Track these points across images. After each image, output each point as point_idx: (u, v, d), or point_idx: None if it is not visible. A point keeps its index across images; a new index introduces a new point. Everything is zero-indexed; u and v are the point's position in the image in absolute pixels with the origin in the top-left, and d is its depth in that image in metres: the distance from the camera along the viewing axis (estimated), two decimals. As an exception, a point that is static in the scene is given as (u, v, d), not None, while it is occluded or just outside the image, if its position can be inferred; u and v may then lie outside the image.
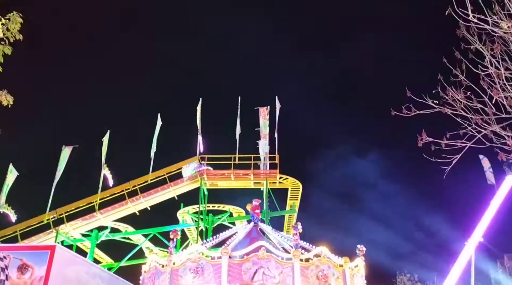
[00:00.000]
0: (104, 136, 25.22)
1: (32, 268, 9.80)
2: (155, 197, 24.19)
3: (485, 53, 7.11)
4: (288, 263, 10.15)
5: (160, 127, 25.79)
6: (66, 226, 23.26)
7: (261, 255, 10.19)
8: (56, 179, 23.81)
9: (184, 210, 26.67)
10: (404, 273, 39.90)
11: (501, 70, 6.94)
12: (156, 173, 24.35)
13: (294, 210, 26.35)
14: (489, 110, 7.08)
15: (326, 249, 11.00)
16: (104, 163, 24.39)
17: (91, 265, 13.57)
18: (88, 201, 23.75)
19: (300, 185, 25.40)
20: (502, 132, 7.08)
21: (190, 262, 10.45)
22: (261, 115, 25.18)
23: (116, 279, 14.71)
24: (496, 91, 6.95)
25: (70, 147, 24.84)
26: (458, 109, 7.38)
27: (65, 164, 24.30)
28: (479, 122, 7.16)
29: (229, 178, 24.18)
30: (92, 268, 13.21)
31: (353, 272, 11.20)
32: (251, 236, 12.47)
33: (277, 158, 24.20)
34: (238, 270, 10.01)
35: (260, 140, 24.74)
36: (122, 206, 23.79)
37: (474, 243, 21.90)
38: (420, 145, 7.54)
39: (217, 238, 13.18)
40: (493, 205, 22.52)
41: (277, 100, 25.57)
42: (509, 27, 6.73)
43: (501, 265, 38.23)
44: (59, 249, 10.73)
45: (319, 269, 10.37)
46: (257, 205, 13.96)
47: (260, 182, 24.40)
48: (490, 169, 24.58)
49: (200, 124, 25.43)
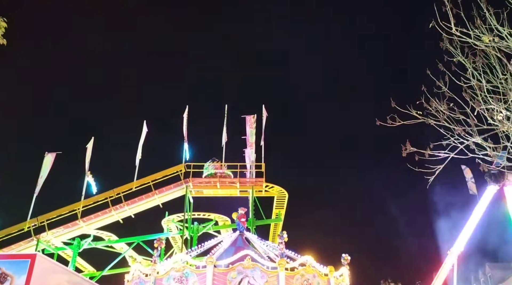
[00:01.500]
0: (88, 143, 24.90)
1: (12, 277, 9.55)
2: (140, 205, 23.90)
3: (468, 65, 7.28)
4: (274, 272, 10.12)
5: (146, 134, 25.60)
6: (48, 234, 22.77)
7: (247, 264, 10.14)
8: (38, 186, 23.36)
9: (169, 219, 26.41)
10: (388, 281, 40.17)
11: (482, 83, 7.11)
12: (140, 181, 24.09)
13: (280, 218, 26.33)
14: (471, 121, 7.23)
15: (311, 258, 11.01)
16: (87, 170, 24.05)
17: (73, 274, 13.31)
18: (70, 208, 23.32)
19: (286, 194, 25.43)
20: (484, 143, 7.23)
21: (174, 271, 10.33)
22: (248, 123, 25.23)
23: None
24: (478, 103, 7.11)
25: (53, 154, 24.44)
26: (441, 120, 7.52)
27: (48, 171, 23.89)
28: (462, 133, 7.30)
29: (214, 186, 24.07)
30: (74, 277, 12.95)
31: (338, 281, 11.23)
32: (237, 245, 12.40)
33: (263, 166, 24.23)
34: (223, 279, 9.93)
35: (247, 148, 24.76)
36: (105, 214, 23.42)
37: (456, 252, 22.20)
38: (404, 155, 7.64)
39: (202, 247, 13.08)
40: (475, 214, 22.91)
41: (263, 109, 25.67)
42: (490, 40, 6.92)
43: (482, 274, 38.76)
44: (40, 257, 10.50)
45: (304, 278, 10.37)
46: (243, 213, 13.91)
47: (246, 191, 24.35)
48: (472, 179, 25.02)
49: (186, 132, 25.34)
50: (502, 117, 7.00)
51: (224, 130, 25.25)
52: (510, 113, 6.95)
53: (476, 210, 22.91)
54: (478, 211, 22.85)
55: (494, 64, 7.14)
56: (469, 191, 24.84)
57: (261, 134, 25.19)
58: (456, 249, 22.19)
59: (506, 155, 7.39)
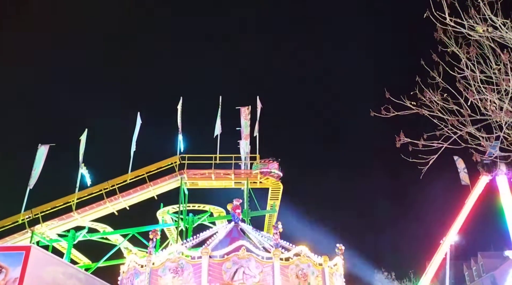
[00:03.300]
0: (82, 135, 24.75)
1: (6, 270, 9.54)
2: (134, 197, 23.87)
3: (461, 56, 7.29)
4: (268, 262, 10.18)
5: (140, 126, 25.47)
6: (42, 226, 22.71)
7: (242, 255, 10.19)
8: (31, 178, 23.23)
9: (164, 210, 26.41)
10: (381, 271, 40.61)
11: (476, 73, 7.13)
12: (135, 173, 24.03)
13: (275, 209, 26.43)
14: (465, 111, 7.26)
15: (306, 248, 11.08)
16: (81, 162, 23.94)
17: (68, 266, 13.32)
18: (65, 200, 23.25)
19: (281, 185, 25.49)
20: (477, 133, 7.27)
21: (170, 262, 10.36)
22: (242, 115, 25.18)
23: (93, 280, 14.46)
24: (472, 93, 7.13)
25: (47, 146, 24.27)
26: (435, 111, 7.54)
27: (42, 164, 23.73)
28: (455, 123, 7.33)
29: (209, 177, 24.09)
30: (69, 268, 12.97)
31: (332, 270, 11.32)
32: (232, 236, 12.45)
33: (257, 158, 24.23)
34: (218, 270, 9.98)
35: (241, 140, 24.74)
36: (100, 206, 23.38)
37: (449, 242, 22.49)
38: (398, 145, 7.66)
39: (197, 238, 13.12)
40: (467, 204, 23.17)
41: (258, 100, 25.60)
42: (484, 30, 6.92)
43: (474, 263, 39.30)
44: (35, 249, 10.48)
45: (299, 268, 10.44)
46: (238, 205, 13.95)
47: (241, 182, 24.38)
48: (464, 169, 25.24)
49: (181, 123, 25.25)
50: (495, 107, 7.04)
51: (218, 121, 25.18)
52: (503, 103, 6.98)
53: (468, 200, 23.19)
54: (471, 201, 23.14)
55: (488, 54, 7.15)
56: (461, 181, 25.05)
57: (256, 126, 25.15)
58: (449, 238, 22.48)
59: (499, 145, 7.44)
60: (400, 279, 39.82)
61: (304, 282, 10.28)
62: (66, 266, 12.92)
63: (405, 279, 39.57)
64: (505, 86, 6.91)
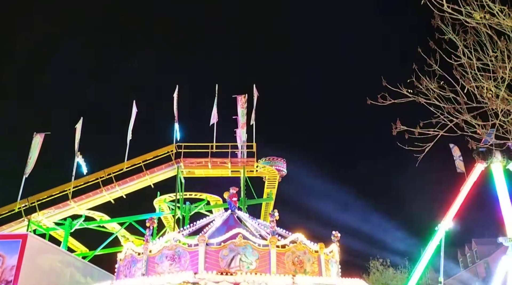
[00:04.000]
0: (77, 123, 24.63)
1: (3, 257, 9.57)
2: (131, 185, 23.87)
3: (458, 43, 7.26)
4: (265, 250, 10.25)
5: (136, 114, 25.35)
6: (39, 215, 22.73)
7: (238, 242, 10.24)
8: (27, 167, 23.18)
9: (160, 199, 26.47)
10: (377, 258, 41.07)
11: (473, 60, 7.11)
12: (131, 161, 23.99)
13: (271, 198, 26.56)
14: (461, 99, 7.26)
15: (302, 236, 11.15)
16: (77, 150, 23.87)
17: (65, 254, 13.38)
18: (61, 189, 23.23)
19: (277, 173, 25.57)
20: (473, 121, 7.29)
21: (167, 249, 10.41)
22: (239, 103, 25.09)
23: (91, 268, 14.55)
24: (468, 81, 7.12)
25: (42, 134, 24.15)
26: (432, 98, 7.54)
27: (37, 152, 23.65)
28: (451, 111, 7.34)
29: (206, 166, 24.10)
30: (66, 256, 13.03)
31: (328, 257, 11.41)
32: (228, 224, 12.50)
33: (254, 146, 24.25)
34: (215, 257, 10.04)
35: (238, 128, 24.70)
36: (96, 194, 23.38)
37: (444, 229, 22.70)
38: (395, 133, 7.67)
39: (194, 226, 13.16)
40: (462, 192, 23.34)
41: (255, 89, 25.50)
42: (482, 17, 6.88)
43: (468, 249, 39.78)
44: (31, 237, 10.51)
45: (295, 255, 10.52)
46: (234, 193, 13.97)
47: (238, 171, 24.42)
48: (460, 157, 25.36)
49: (177, 112, 25.15)
50: (491, 95, 7.04)
51: (214, 110, 25.09)
52: (499, 91, 6.98)
53: (463, 188, 23.36)
54: (466, 188, 23.31)
55: (485, 41, 7.13)
56: (457, 169, 25.20)
57: (252, 114, 25.09)
58: (444, 225, 22.69)
59: (495, 132, 7.47)
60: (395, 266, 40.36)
61: (300, 268, 10.37)
62: (63, 254, 12.98)
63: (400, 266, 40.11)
64: (502, 74, 6.90)
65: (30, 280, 9.90)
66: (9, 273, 9.38)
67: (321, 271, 10.71)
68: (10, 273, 9.38)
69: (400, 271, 39.38)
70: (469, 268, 39.24)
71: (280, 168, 26.12)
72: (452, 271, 39.69)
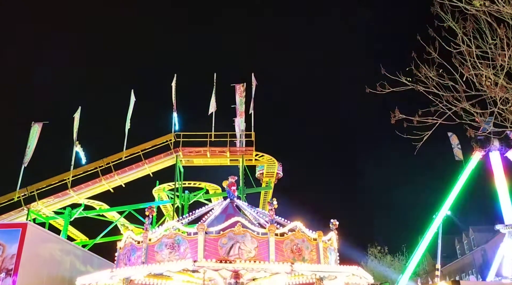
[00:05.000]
0: (76, 112, 24.55)
1: (3, 246, 9.61)
2: (130, 174, 23.89)
3: (458, 31, 7.22)
4: (264, 238, 10.29)
5: (134, 103, 25.26)
6: (38, 204, 22.80)
7: (237, 231, 10.27)
8: (26, 156, 23.18)
9: (159, 188, 26.56)
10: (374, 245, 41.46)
11: (472, 48, 7.07)
12: (130, 150, 23.98)
13: (270, 186, 26.67)
14: (460, 87, 7.25)
15: (301, 224, 11.19)
16: (76, 140, 23.84)
17: (65, 243, 13.44)
18: (60, 178, 23.26)
19: (276, 162, 25.63)
20: (472, 109, 7.28)
21: (166, 238, 10.44)
22: (237, 92, 24.98)
23: (91, 256, 14.64)
24: (467, 69, 7.10)
25: (40, 123, 24.09)
26: (430, 87, 7.52)
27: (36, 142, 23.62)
28: (450, 99, 7.33)
29: (205, 155, 24.10)
30: (66, 245, 13.09)
31: (326, 245, 11.48)
32: (227, 212, 12.53)
33: (253, 135, 24.22)
34: (214, 245, 10.08)
35: (236, 117, 24.64)
36: (95, 183, 23.42)
37: (442, 216, 22.86)
38: (393, 122, 7.66)
39: (193, 215, 13.21)
40: (461, 180, 23.45)
41: (253, 77, 25.38)
42: (481, 4, 6.83)
43: (466, 237, 40.10)
44: (31, 226, 10.54)
45: (293, 243, 10.57)
46: (233, 182, 13.98)
47: (236, 160, 24.43)
48: (458, 145, 25.42)
49: (175, 101, 25.06)
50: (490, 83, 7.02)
51: (213, 98, 24.99)
52: (498, 79, 6.96)
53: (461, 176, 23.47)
54: (463, 176, 23.42)
55: (484, 29, 7.09)
56: (455, 157, 25.27)
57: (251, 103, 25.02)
58: (442, 213, 22.84)
59: (493, 120, 7.47)
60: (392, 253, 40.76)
61: (299, 256, 10.43)
62: (63, 243, 13.04)
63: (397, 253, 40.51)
64: (501, 61, 6.88)
65: (31, 269, 9.97)
66: (9, 262, 9.43)
67: (319, 258, 10.78)
68: (11, 261, 9.43)
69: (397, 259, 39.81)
70: (466, 255, 39.62)
71: (280, 172, 27.17)
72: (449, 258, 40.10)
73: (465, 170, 23.33)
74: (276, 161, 25.76)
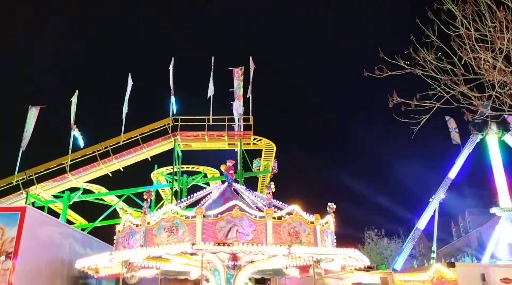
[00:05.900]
0: (73, 96, 24.40)
1: (3, 230, 9.68)
2: (128, 158, 23.92)
3: (457, 13, 7.15)
4: (261, 221, 10.37)
5: (132, 87, 25.10)
6: (37, 188, 22.86)
7: (235, 214, 10.34)
8: (23, 140, 23.13)
9: (158, 171, 26.61)
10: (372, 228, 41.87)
11: (471, 31, 7.02)
12: (128, 134, 23.95)
13: (268, 170, 26.73)
14: (458, 71, 7.22)
15: (298, 207, 11.27)
16: (73, 124, 23.76)
17: (64, 226, 13.54)
18: (58, 162, 23.28)
19: (274, 146, 25.64)
20: (470, 92, 7.27)
21: (165, 221, 10.52)
22: (235, 76, 24.83)
23: (90, 239, 14.77)
24: (466, 52, 7.06)
25: (37, 107, 23.97)
26: (429, 70, 7.48)
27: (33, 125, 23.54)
28: (448, 82, 7.30)
29: (203, 139, 24.09)
30: (65, 228, 13.19)
31: (324, 228, 11.58)
32: (225, 196, 12.59)
33: (251, 119, 24.18)
34: (212, 229, 10.17)
35: (234, 101, 24.55)
36: (94, 167, 23.46)
37: (438, 199, 23.06)
38: (391, 105, 7.65)
39: (191, 198, 13.27)
40: (457, 163, 23.59)
41: (251, 61, 25.17)
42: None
43: (462, 220, 40.54)
44: (30, 210, 10.59)
45: (291, 226, 10.66)
46: (231, 166, 14.02)
47: (234, 144, 24.44)
48: (455, 129, 25.47)
49: (173, 85, 24.90)
50: (488, 66, 6.99)
51: (211, 82, 24.84)
52: (496, 62, 6.93)
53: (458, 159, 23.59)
54: (460, 160, 23.55)
55: (484, 11, 7.02)
56: (452, 141, 25.35)
57: (249, 87, 24.88)
58: (438, 196, 23.03)
59: (491, 104, 7.46)
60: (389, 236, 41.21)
61: (296, 239, 10.54)
62: (62, 226, 13.13)
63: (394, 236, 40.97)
64: (500, 45, 6.83)
65: (30, 252, 10.06)
66: (9, 245, 9.51)
67: (316, 241, 10.89)
68: (10, 244, 9.51)
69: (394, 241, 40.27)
70: (462, 238, 40.11)
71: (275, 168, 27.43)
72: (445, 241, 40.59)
73: (462, 153, 23.44)
74: (274, 145, 25.72)
